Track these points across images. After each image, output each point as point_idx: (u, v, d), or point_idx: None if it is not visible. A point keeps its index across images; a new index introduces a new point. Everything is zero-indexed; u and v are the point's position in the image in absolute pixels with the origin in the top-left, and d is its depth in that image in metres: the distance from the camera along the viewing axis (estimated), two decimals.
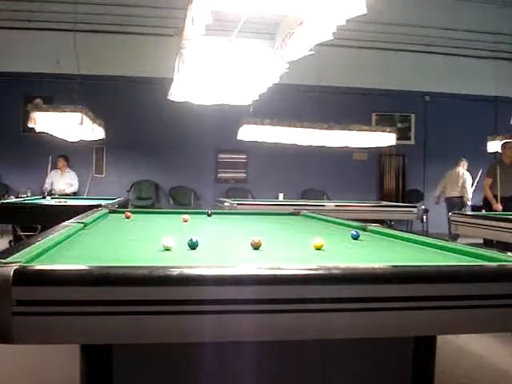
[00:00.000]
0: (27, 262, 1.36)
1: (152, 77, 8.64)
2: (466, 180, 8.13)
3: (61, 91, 7.98)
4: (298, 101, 8.78)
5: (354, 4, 2.52)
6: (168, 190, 9.61)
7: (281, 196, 8.27)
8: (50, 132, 6.51)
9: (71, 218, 2.80)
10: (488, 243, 5.14)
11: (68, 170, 7.88)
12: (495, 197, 6.03)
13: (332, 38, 2.84)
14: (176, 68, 3.96)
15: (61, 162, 7.76)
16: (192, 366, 1.58)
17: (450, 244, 2.04)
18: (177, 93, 4.85)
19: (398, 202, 9.46)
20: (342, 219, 3.36)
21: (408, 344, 1.68)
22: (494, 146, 7.29)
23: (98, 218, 3.17)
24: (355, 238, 2.39)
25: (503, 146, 6.44)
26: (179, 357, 1.57)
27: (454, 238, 5.57)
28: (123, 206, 5.68)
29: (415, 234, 2.54)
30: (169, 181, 9.57)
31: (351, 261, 1.81)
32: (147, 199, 9.40)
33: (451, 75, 9.94)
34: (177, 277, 1.24)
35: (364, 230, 2.75)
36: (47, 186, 7.55)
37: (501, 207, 5.91)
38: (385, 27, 9.11)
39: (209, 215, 3.87)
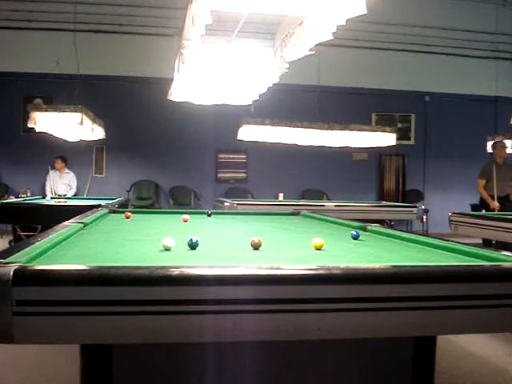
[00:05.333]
0: (27, 262, 1.37)
1: (152, 77, 8.64)
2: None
3: (61, 91, 7.96)
4: (298, 101, 8.78)
5: (353, 4, 2.52)
6: (168, 190, 9.60)
7: (281, 196, 8.27)
8: (50, 132, 6.51)
9: (71, 217, 2.80)
10: (487, 243, 5.14)
11: (67, 170, 7.89)
12: (491, 197, 6.05)
13: (332, 38, 2.85)
14: (176, 68, 3.96)
15: (58, 164, 7.76)
16: (192, 366, 1.58)
17: (449, 244, 2.04)
18: (177, 93, 4.85)
19: (398, 202, 9.45)
20: (342, 219, 3.36)
21: (408, 344, 1.69)
22: None
23: (98, 217, 3.17)
24: (355, 238, 2.39)
25: (494, 145, 6.46)
26: (179, 357, 1.57)
27: None
28: (123, 205, 5.68)
29: (415, 233, 2.54)
30: (169, 181, 9.57)
31: (351, 261, 1.81)
32: (147, 199, 9.40)
33: (451, 75, 9.94)
34: (177, 277, 1.24)
35: (364, 229, 2.75)
36: (48, 190, 7.55)
37: (498, 204, 5.94)
38: (385, 27, 9.11)
39: (209, 215, 3.87)
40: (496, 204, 5.95)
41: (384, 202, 7.97)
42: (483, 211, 5.79)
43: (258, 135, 6.75)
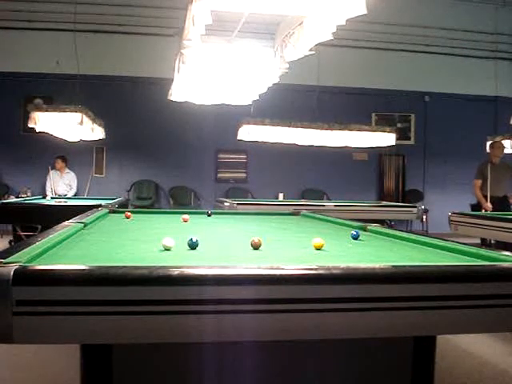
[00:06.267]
0: (27, 262, 1.36)
1: (152, 77, 8.64)
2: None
3: (61, 91, 7.98)
4: (297, 101, 8.78)
5: (353, 4, 2.52)
6: (168, 190, 9.60)
7: (281, 196, 8.27)
8: (50, 132, 6.51)
9: (71, 217, 2.80)
10: (486, 243, 5.13)
11: (67, 170, 7.88)
12: (485, 197, 6.01)
13: (332, 38, 2.85)
14: (176, 68, 3.96)
15: (59, 164, 7.76)
16: (192, 366, 1.58)
17: (449, 244, 2.04)
18: (177, 93, 4.85)
19: (398, 202, 9.45)
20: (342, 219, 3.36)
21: (408, 344, 1.69)
22: None
23: (98, 217, 3.17)
24: (355, 238, 2.39)
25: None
26: (179, 357, 1.57)
27: None
28: (123, 206, 5.68)
29: (415, 233, 2.54)
30: (169, 181, 9.57)
31: (351, 261, 1.81)
32: (147, 199, 9.40)
33: (451, 75, 9.94)
34: (177, 277, 1.24)
35: (364, 229, 2.75)
36: (48, 190, 7.55)
37: (491, 206, 5.91)
38: (385, 27, 9.12)
39: (209, 215, 3.87)
40: (488, 206, 5.92)
41: (384, 202, 7.97)
42: (483, 211, 5.79)
43: (257, 135, 6.75)
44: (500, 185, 6.11)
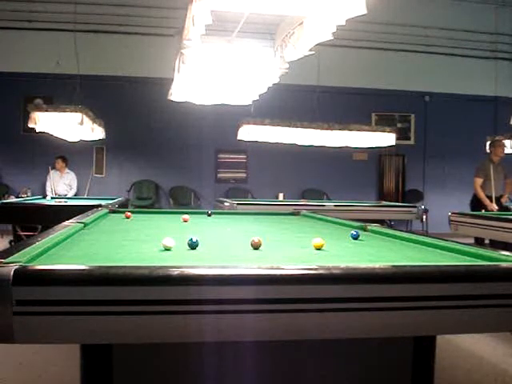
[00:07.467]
0: (27, 262, 1.37)
1: (152, 77, 8.64)
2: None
3: (61, 91, 7.98)
4: (298, 101, 8.78)
5: (353, 4, 2.52)
6: (168, 190, 9.61)
7: (281, 196, 8.27)
8: (50, 132, 6.51)
9: (71, 217, 2.80)
10: (479, 242, 5.12)
11: (67, 170, 7.88)
12: (489, 197, 5.97)
13: (332, 37, 2.84)
14: (176, 68, 3.96)
15: (59, 164, 7.75)
16: (192, 366, 1.58)
17: (449, 244, 2.04)
18: (177, 93, 4.85)
19: (398, 202, 9.45)
20: (342, 219, 3.36)
21: (408, 344, 1.69)
22: None
23: (98, 217, 3.18)
24: (355, 237, 2.39)
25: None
26: (179, 357, 1.57)
27: None
28: (123, 206, 5.68)
29: (415, 233, 2.54)
30: (169, 181, 9.57)
31: (351, 261, 1.81)
32: (147, 199, 9.40)
33: (451, 75, 9.94)
34: (177, 277, 1.24)
35: (364, 229, 2.75)
36: (48, 190, 7.55)
37: (496, 207, 5.86)
38: (385, 27, 9.12)
39: (209, 215, 3.88)
40: (494, 207, 5.86)
41: (384, 202, 7.97)
42: (483, 211, 5.77)
43: (257, 135, 6.75)
44: (497, 185, 6.04)
